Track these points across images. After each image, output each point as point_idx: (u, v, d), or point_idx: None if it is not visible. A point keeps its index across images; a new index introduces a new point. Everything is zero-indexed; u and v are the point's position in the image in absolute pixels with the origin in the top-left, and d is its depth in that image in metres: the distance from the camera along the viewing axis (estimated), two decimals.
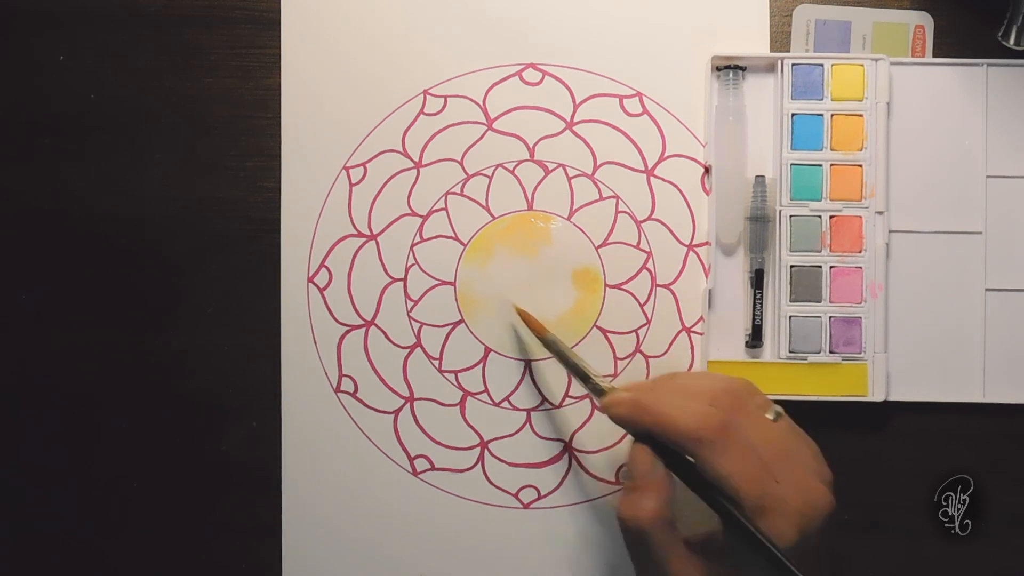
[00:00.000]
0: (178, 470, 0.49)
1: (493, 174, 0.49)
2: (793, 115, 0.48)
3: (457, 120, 0.50)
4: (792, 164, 0.48)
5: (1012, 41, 0.46)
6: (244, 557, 0.49)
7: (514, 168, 0.49)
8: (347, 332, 0.49)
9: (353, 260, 0.49)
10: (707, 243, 0.49)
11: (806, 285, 0.48)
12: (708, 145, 0.48)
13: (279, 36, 0.50)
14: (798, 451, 0.40)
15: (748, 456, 0.38)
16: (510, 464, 0.49)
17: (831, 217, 0.48)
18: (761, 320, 0.48)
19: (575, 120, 0.49)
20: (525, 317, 0.48)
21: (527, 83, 0.49)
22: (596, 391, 0.43)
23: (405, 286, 0.49)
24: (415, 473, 0.49)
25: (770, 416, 0.40)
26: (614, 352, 0.49)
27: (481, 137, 0.49)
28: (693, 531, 0.40)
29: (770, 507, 0.37)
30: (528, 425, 0.49)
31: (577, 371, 0.44)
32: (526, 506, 0.49)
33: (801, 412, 0.42)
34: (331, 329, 0.49)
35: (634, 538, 0.39)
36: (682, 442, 0.39)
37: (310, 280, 0.49)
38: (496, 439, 0.49)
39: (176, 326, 0.49)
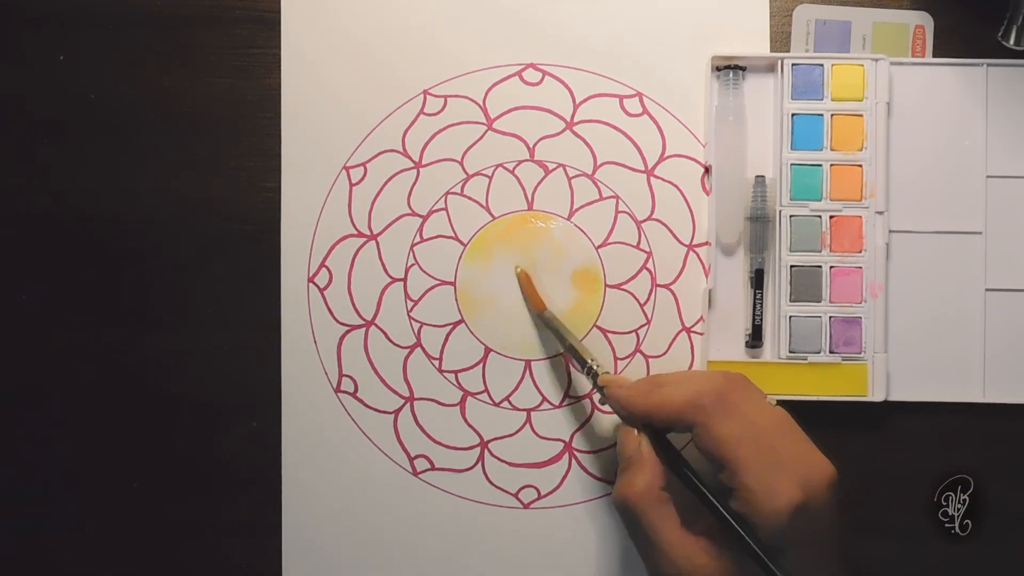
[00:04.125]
0: (178, 470, 0.49)
1: (493, 174, 0.49)
2: (793, 115, 0.48)
3: (457, 120, 0.50)
4: (792, 164, 0.48)
5: (1012, 41, 0.46)
6: (244, 557, 0.49)
7: (514, 168, 0.49)
8: (347, 332, 0.49)
9: (353, 260, 0.49)
10: (707, 243, 0.49)
11: (806, 285, 0.48)
12: (708, 145, 0.48)
13: (279, 36, 0.50)
14: (796, 430, 0.40)
15: (745, 423, 0.39)
16: (510, 464, 0.49)
17: (831, 217, 0.48)
18: (761, 320, 0.48)
19: (575, 120, 0.49)
20: (526, 289, 0.48)
21: (527, 83, 0.49)
22: (591, 373, 0.44)
23: (405, 286, 0.49)
24: (415, 473, 0.49)
25: (771, 400, 0.41)
26: (614, 352, 0.49)
27: (481, 137, 0.49)
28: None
29: (770, 467, 0.38)
30: (528, 425, 0.49)
31: (572, 351, 0.45)
32: (526, 506, 0.49)
33: (801, 412, 0.42)
34: (331, 329, 0.49)
35: (627, 517, 0.40)
36: (680, 414, 0.40)
37: (310, 280, 0.49)
38: (496, 439, 0.49)
39: (176, 326, 0.49)
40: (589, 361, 0.44)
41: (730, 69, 0.48)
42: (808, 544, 0.38)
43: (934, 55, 0.49)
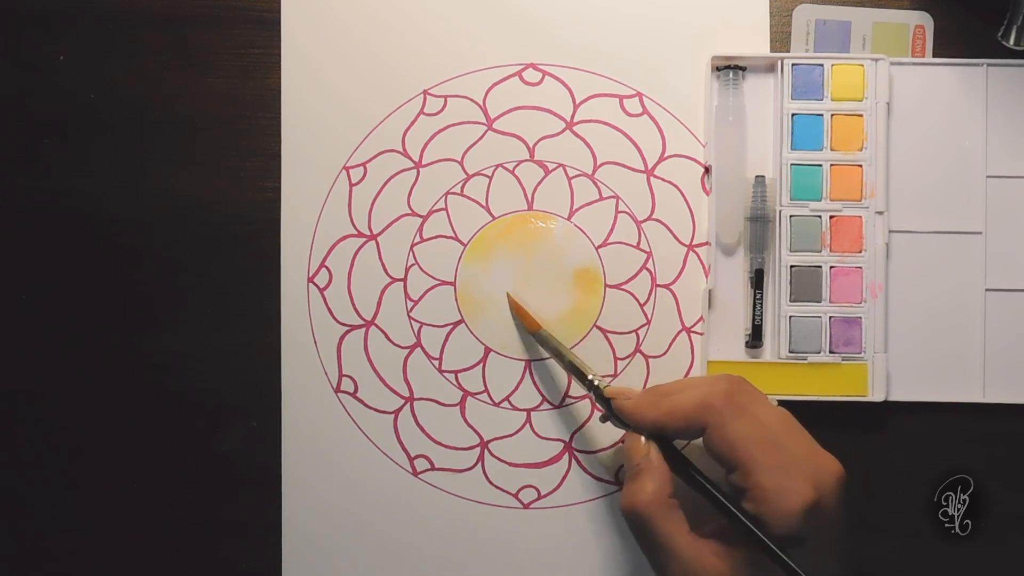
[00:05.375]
0: (178, 470, 0.49)
1: (493, 174, 0.49)
2: (793, 115, 0.48)
3: (457, 120, 0.50)
4: (792, 164, 0.48)
5: (1012, 41, 0.46)
6: (244, 557, 0.49)
7: (514, 168, 0.49)
8: (347, 332, 0.49)
9: (353, 260, 0.49)
10: (707, 243, 0.49)
11: (806, 285, 0.48)
12: (708, 145, 0.48)
13: (279, 36, 0.50)
14: (801, 430, 0.41)
15: (756, 423, 0.39)
16: (510, 464, 0.49)
17: (831, 217, 0.48)
18: (761, 320, 0.48)
19: (575, 120, 0.49)
20: (518, 310, 0.48)
21: (527, 83, 0.49)
22: (592, 388, 0.44)
23: (405, 286, 0.49)
24: (415, 473, 0.49)
25: (772, 401, 0.41)
26: (614, 352, 0.49)
27: (481, 137, 0.49)
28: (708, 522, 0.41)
29: (783, 467, 0.38)
30: (528, 425, 0.49)
31: (572, 368, 0.44)
32: (526, 506, 0.49)
33: (801, 412, 0.42)
34: (331, 329, 0.49)
35: (637, 523, 0.40)
36: (691, 418, 0.40)
37: (310, 280, 0.49)
38: (496, 439, 0.49)
39: (176, 326, 0.49)
40: (590, 376, 0.44)
41: (730, 69, 0.48)
42: (816, 542, 0.38)
43: (934, 55, 0.49)
